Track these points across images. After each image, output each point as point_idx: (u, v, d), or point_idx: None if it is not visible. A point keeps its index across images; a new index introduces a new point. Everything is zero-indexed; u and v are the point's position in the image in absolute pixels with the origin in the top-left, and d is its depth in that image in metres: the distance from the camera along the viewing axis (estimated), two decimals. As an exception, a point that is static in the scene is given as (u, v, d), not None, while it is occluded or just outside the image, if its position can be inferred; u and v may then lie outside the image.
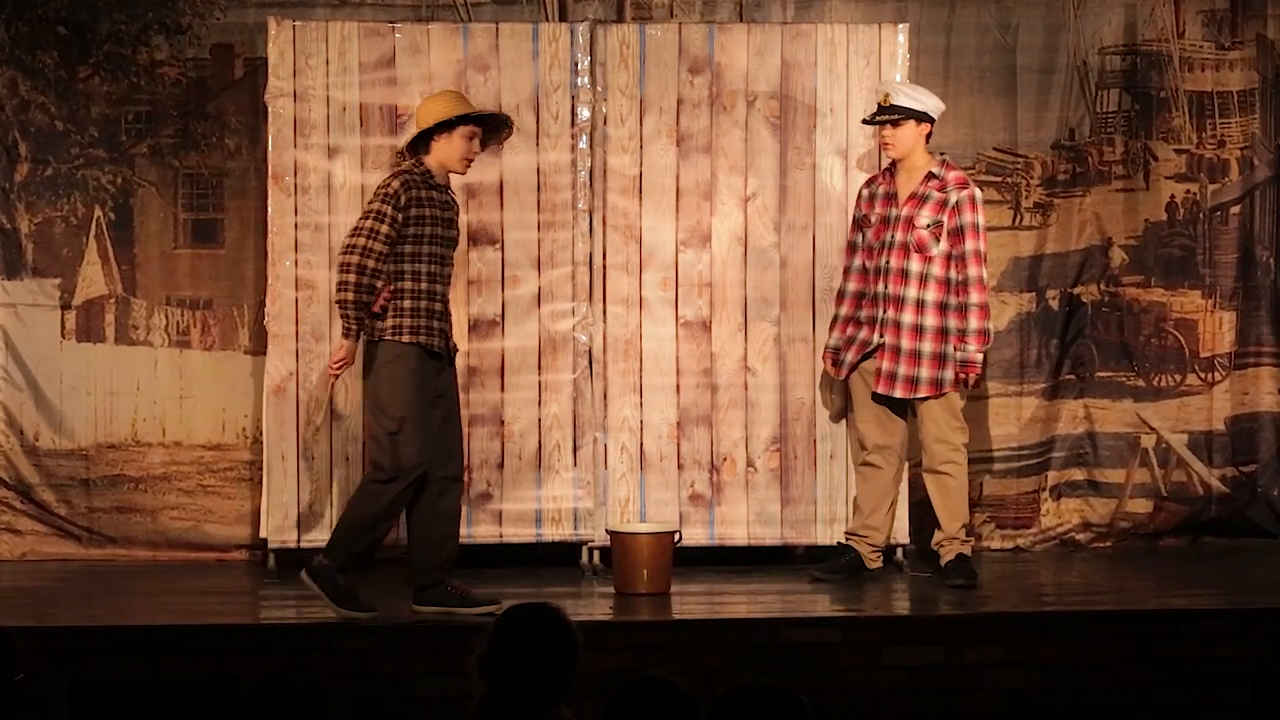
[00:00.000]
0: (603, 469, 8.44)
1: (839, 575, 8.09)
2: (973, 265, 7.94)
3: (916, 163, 8.03)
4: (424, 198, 7.24)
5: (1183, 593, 8.00)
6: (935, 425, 8.00)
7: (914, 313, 7.96)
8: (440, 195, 7.32)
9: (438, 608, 7.30)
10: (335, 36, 8.39)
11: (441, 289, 7.32)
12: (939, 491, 8.08)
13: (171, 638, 7.03)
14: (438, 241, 7.28)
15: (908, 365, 7.96)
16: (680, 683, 4.34)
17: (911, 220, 7.96)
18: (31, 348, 8.82)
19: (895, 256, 7.98)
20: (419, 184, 7.24)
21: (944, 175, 8.00)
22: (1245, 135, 9.23)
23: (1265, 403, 9.23)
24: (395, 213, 7.17)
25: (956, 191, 7.96)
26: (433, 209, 7.26)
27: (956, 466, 8.05)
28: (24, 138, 8.82)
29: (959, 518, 8.08)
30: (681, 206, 8.50)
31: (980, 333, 7.94)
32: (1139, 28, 9.18)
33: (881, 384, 7.99)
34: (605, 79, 8.44)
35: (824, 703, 6.55)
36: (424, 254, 7.25)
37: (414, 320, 7.24)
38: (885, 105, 7.98)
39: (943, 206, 7.95)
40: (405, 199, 7.18)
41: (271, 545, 8.37)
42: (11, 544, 8.79)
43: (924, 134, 8.01)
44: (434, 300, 7.28)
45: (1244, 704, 6.73)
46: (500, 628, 4.56)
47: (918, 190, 7.99)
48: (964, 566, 8.02)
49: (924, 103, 8.00)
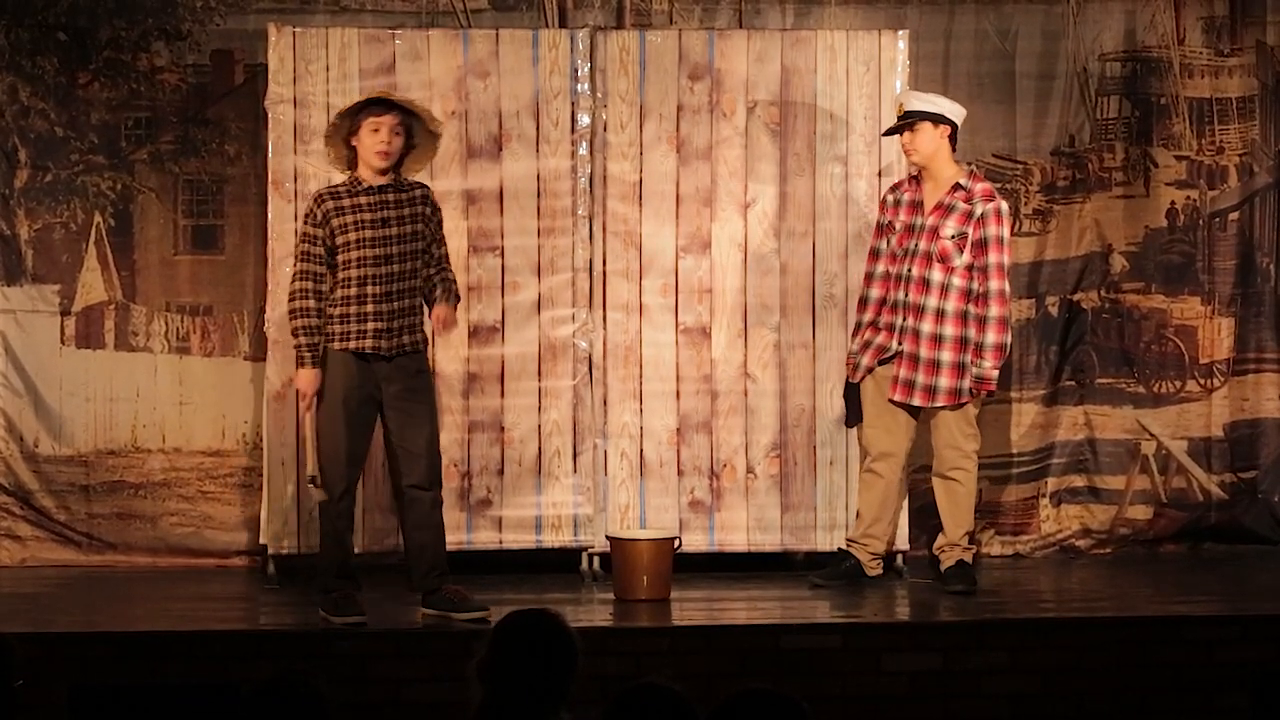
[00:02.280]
0: (603, 475, 8.44)
1: (839, 582, 8.08)
2: (994, 278, 7.93)
3: (943, 172, 8.01)
4: (342, 207, 7.33)
5: (1183, 599, 8.00)
6: (949, 431, 8.00)
7: (934, 322, 7.95)
8: (369, 198, 7.36)
9: (436, 611, 7.34)
10: (335, 43, 8.39)
11: (377, 289, 7.34)
12: (947, 497, 8.08)
13: (171, 643, 7.03)
14: (365, 244, 7.33)
15: (926, 374, 7.95)
16: (679, 689, 4.34)
17: (936, 230, 7.95)
18: (31, 354, 8.82)
19: (918, 265, 7.97)
20: (332, 196, 7.37)
21: (971, 187, 7.99)
22: (1245, 142, 9.23)
23: (1266, 409, 9.23)
24: (316, 230, 7.34)
25: (983, 204, 7.94)
26: (356, 214, 7.33)
27: (966, 474, 8.05)
28: (24, 144, 8.82)
29: (964, 525, 8.08)
30: (681, 213, 8.50)
31: (997, 348, 7.93)
32: (1139, 34, 9.19)
33: (899, 391, 7.98)
34: (605, 85, 8.45)
35: (824, 709, 6.57)
36: (353, 259, 7.32)
37: (343, 326, 7.32)
38: (901, 114, 7.99)
39: (968, 218, 7.94)
40: (320, 214, 7.34)
41: (271, 551, 8.37)
42: (11, 550, 8.79)
43: (944, 137, 7.98)
44: (364, 303, 7.32)
45: (1244, 710, 6.73)
46: (500, 633, 4.57)
47: (944, 200, 7.98)
48: (964, 573, 8.03)
49: (939, 105, 8.00)
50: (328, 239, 7.33)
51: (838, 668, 7.06)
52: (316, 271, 7.34)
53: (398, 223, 7.38)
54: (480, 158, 8.43)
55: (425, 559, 7.40)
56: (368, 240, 7.33)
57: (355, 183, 7.39)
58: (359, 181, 7.39)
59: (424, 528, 7.41)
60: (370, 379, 7.33)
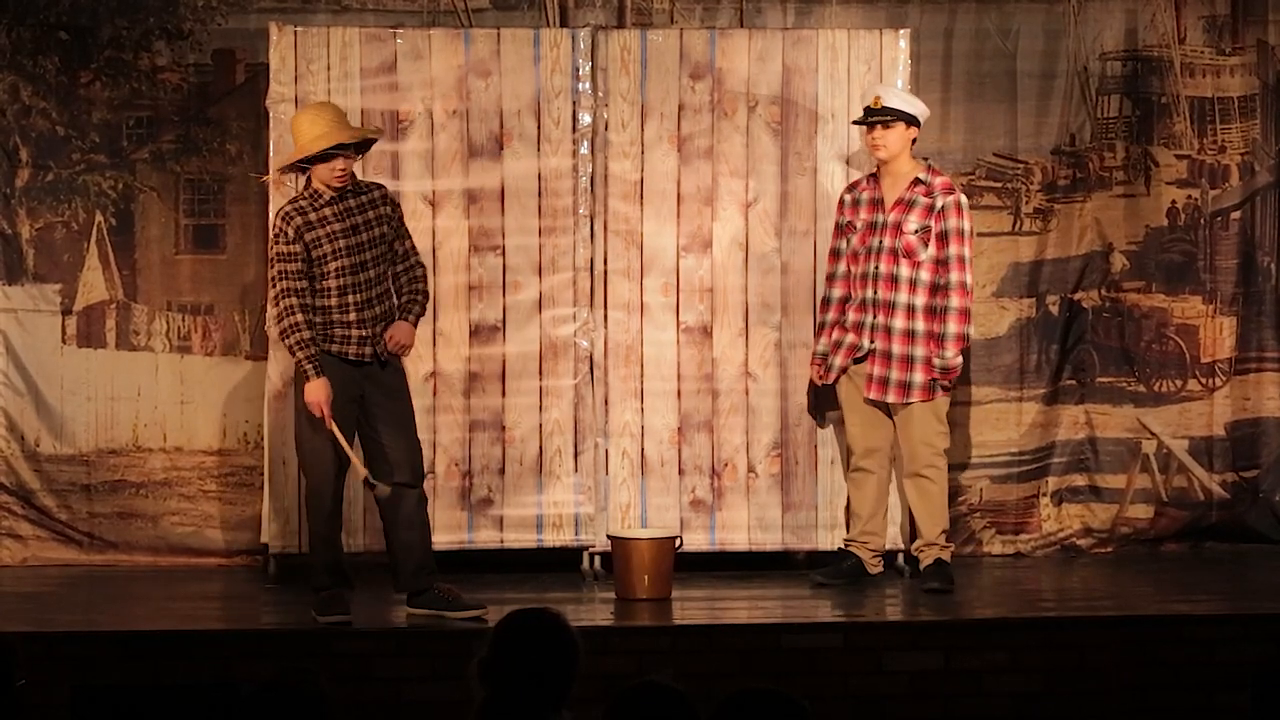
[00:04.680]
0: (604, 474, 8.44)
1: (841, 580, 8.09)
2: (956, 270, 7.95)
3: (902, 168, 8.05)
4: (312, 220, 7.33)
5: (1183, 598, 8.00)
6: (922, 429, 8.00)
7: (905, 318, 7.97)
8: (334, 208, 7.36)
9: (427, 611, 7.33)
10: (337, 42, 8.39)
11: (358, 297, 7.35)
12: (920, 497, 8.07)
13: (173, 643, 7.03)
14: (341, 254, 7.33)
15: (900, 370, 7.97)
16: (681, 687, 4.34)
17: (900, 226, 7.97)
18: (32, 353, 8.82)
19: (885, 262, 7.99)
20: (300, 211, 7.34)
21: (931, 180, 8.03)
22: (1246, 141, 9.23)
23: (1267, 408, 9.23)
24: (291, 247, 7.30)
25: (943, 196, 7.98)
26: (326, 226, 7.33)
27: (938, 471, 8.05)
28: (25, 143, 8.82)
29: (939, 523, 8.08)
30: (683, 212, 8.51)
31: (958, 337, 7.96)
32: (1139, 33, 9.18)
33: (874, 389, 8.00)
34: (606, 84, 8.45)
35: (825, 708, 6.57)
36: (330, 271, 7.32)
37: (326, 331, 7.32)
38: (876, 107, 8.00)
39: (929, 211, 7.97)
40: (292, 232, 7.31)
41: (272, 550, 8.37)
42: (13, 549, 8.79)
43: (911, 138, 8.05)
44: (346, 312, 7.33)
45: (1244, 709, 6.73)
46: (501, 632, 4.57)
47: (904, 195, 8.01)
48: (942, 571, 8.02)
49: (915, 106, 8.04)
50: (303, 254, 7.31)
51: (839, 667, 7.07)
52: (298, 288, 7.30)
53: (365, 228, 7.39)
54: (481, 157, 8.43)
55: (414, 557, 7.39)
56: (342, 250, 7.33)
57: (316, 195, 7.38)
58: (319, 194, 7.38)
59: (411, 525, 7.40)
60: (354, 381, 7.34)
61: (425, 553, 7.42)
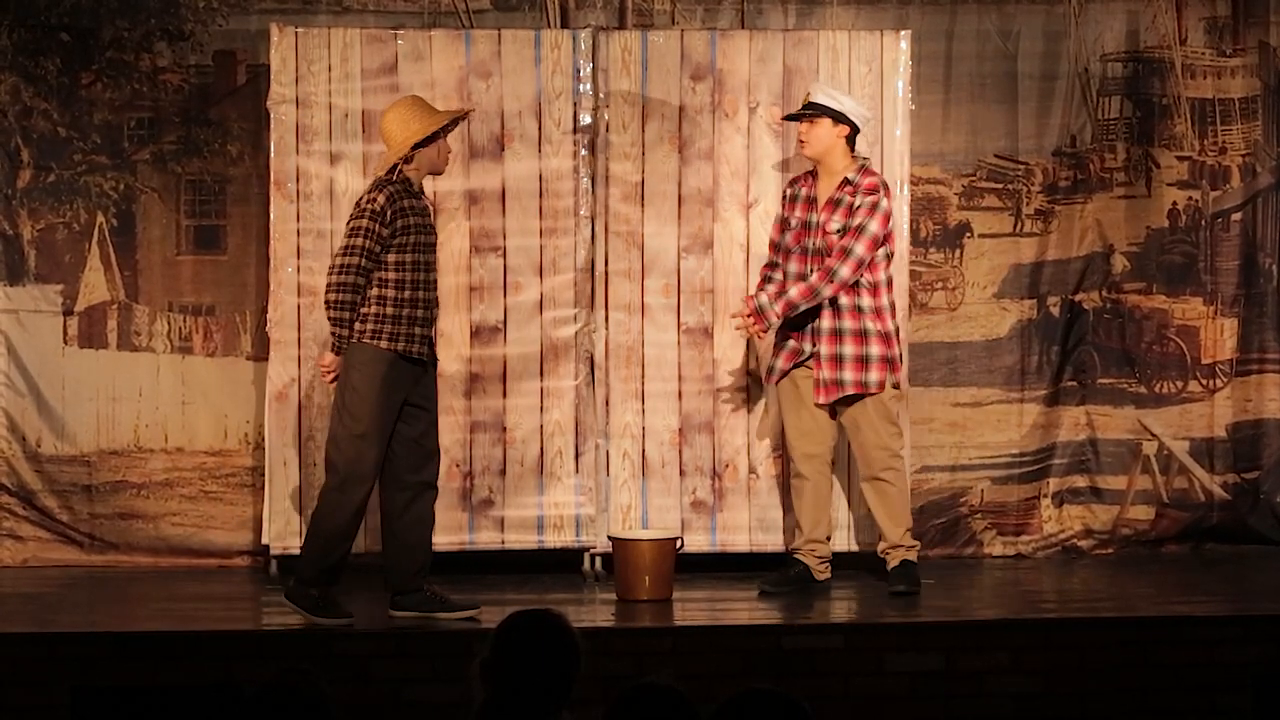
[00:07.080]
0: (605, 475, 8.44)
1: (787, 588, 8.01)
2: (838, 257, 7.82)
3: (834, 167, 7.96)
4: (407, 207, 7.29)
5: (1184, 599, 8.00)
6: (874, 432, 7.93)
7: (832, 318, 7.89)
8: (419, 203, 7.38)
9: (416, 613, 7.32)
10: (337, 43, 8.40)
11: (424, 295, 7.36)
12: (879, 500, 8.00)
13: (173, 643, 7.03)
14: (420, 249, 7.33)
15: (830, 369, 7.88)
16: (681, 688, 4.34)
17: (826, 226, 7.91)
18: (34, 354, 8.82)
19: (814, 263, 7.92)
20: (401, 194, 7.29)
21: (859, 181, 7.92)
22: (1247, 142, 9.23)
23: (1269, 409, 9.23)
24: (381, 228, 7.23)
25: (862, 196, 7.88)
26: (415, 217, 7.32)
27: (896, 473, 7.99)
28: (26, 144, 8.83)
29: (902, 523, 8.02)
30: (683, 213, 8.51)
31: (790, 303, 7.83)
32: (1141, 34, 9.18)
33: (822, 394, 7.89)
34: (607, 85, 8.45)
35: (826, 709, 6.57)
36: (408, 262, 7.30)
37: (394, 327, 7.27)
38: (806, 103, 7.96)
39: (850, 211, 7.92)
40: (390, 213, 7.24)
41: (273, 551, 8.38)
42: (14, 550, 8.79)
43: (842, 136, 7.91)
44: (415, 307, 7.32)
45: (1245, 710, 6.74)
46: (502, 634, 4.57)
47: (833, 196, 7.93)
48: (908, 573, 7.97)
49: (843, 104, 7.93)
50: (387, 238, 7.25)
51: (840, 668, 7.06)
52: (369, 268, 7.25)
53: (434, 230, 7.46)
54: (482, 158, 8.43)
55: (417, 557, 7.37)
56: (422, 245, 7.34)
57: (408, 183, 7.36)
58: (410, 183, 7.37)
59: (424, 524, 7.39)
60: (412, 380, 7.34)
61: (426, 554, 7.42)
